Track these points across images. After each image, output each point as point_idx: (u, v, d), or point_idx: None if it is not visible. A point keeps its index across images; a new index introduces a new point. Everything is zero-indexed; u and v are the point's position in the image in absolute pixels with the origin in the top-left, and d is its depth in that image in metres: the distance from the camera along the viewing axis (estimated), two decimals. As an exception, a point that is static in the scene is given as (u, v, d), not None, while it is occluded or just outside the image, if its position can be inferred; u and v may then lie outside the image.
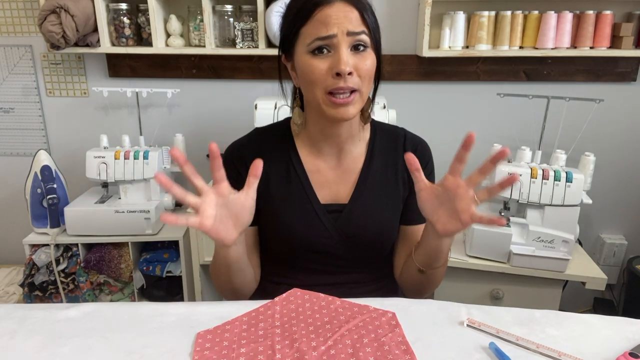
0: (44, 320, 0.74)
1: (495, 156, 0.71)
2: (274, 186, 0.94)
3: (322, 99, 0.83)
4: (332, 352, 0.66)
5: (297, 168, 0.94)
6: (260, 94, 1.75)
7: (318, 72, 0.82)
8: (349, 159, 0.95)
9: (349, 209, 0.93)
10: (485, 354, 0.67)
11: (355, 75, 0.81)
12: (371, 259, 0.97)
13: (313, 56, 0.82)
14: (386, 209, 0.95)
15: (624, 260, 1.93)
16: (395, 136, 0.99)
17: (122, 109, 1.95)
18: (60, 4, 1.58)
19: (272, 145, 0.96)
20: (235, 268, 0.88)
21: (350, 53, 0.81)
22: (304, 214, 0.92)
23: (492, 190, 0.73)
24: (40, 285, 1.72)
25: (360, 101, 0.85)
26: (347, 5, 0.81)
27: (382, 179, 0.95)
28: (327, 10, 0.80)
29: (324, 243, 0.93)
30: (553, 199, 1.39)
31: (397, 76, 1.81)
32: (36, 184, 1.69)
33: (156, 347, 0.68)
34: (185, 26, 1.80)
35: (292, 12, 0.85)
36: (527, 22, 1.64)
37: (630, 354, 0.66)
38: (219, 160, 0.76)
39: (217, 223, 0.76)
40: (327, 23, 0.80)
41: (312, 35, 0.81)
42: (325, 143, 0.94)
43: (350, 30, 0.80)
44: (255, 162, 0.77)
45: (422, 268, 0.90)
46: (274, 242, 0.96)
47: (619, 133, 1.83)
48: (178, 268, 1.76)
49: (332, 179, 0.95)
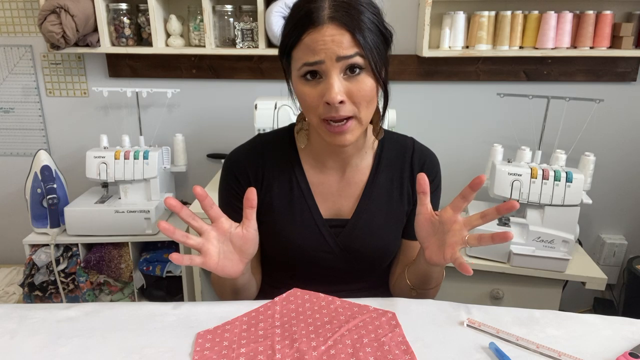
0: (44, 320, 0.74)
1: (501, 207, 0.71)
2: (275, 198, 0.91)
3: (317, 125, 0.80)
4: (332, 352, 0.66)
5: (300, 180, 0.91)
6: (260, 94, 1.75)
7: (310, 99, 0.78)
8: (354, 172, 0.92)
9: (351, 224, 0.91)
10: (485, 354, 0.67)
11: (349, 102, 0.76)
12: (371, 271, 0.97)
13: (305, 82, 0.78)
14: (389, 225, 0.93)
15: (624, 260, 1.93)
16: (404, 148, 0.95)
17: (122, 109, 1.95)
18: (60, 4, 1.58)
19: (275, 156, 0.93)
20: (242, 289, 0.88)
21: (342, 78, 0.76)
22: (305, 227, 0.90)
23: (483, 239, 0.73)
24: (40, 285, 1.72)
25: (358, 127, 0.80)
26: (337, 29, 0.74)
27: (386, 193, 0.93)
28: (315, 35, 0.74)
29: (325, 257, 0.91)
30: (553, 199, 1.39)
31: (397, 76, 1.81)
32: (36, 184, 1.69)
33: (156, 347, 0.68)
34: (185, 26, 1.80)
35: (284, 31, 0.80)
36: (527, 22, 1.64)
37: (630, 354, 0.66)
38: (209, 200, 0.74)
39: (222, 260, 0.76)
40: (314, 49, 0.74)
41: (301, 60, 0.77)
42: (329, 157, 0.91)
43: (339, 55, 0.74)
44: (248, 192, 0.75)
45: (412, 287, 0.90)
46: (273, 252, 0.95)
47: (619, 133, 1.83)
48: (178, 268, 1.76)
49: (336, 192, 0.92)
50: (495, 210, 0.72)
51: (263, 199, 0.92)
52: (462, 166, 1.83)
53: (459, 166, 1.81)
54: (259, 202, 0.91)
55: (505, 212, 0.70)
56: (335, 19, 0.74)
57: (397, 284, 0.97)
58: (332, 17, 0.74)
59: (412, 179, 0.93)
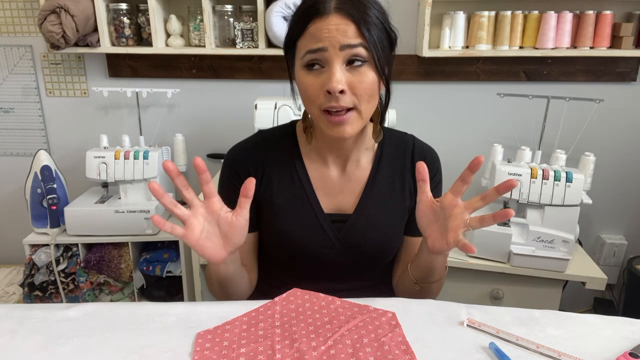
0: (44, 320, 0.74)
1: (500, 187, 0.71)
2: (276, 193, 0.91)
3: (318, 117, 0.81)
4: (332, 352, 0.66)
5: (301, 176, 0.91)
6: (260, 94, 1.75)
7: (311, 89, 0.78)
8: (356, 168, 0.93)
9: (353, 219, 0.91)
10: (485, 354, 0.67)
11: (350, 93, 0.77)
12: (373, 268, 0.96)
13: (307, 72, 0.79)
14: (391, 221, 0.93)
15: (624, 260, 1.93)
16: (404, 145, 0.96)
17: (122, 109, 1.95)
18: (60, 4, 1.58)
19: (276, 151, 0.93)
20: (227, 282, 0.86)
21: (344, 69, 0.77)
22: (306, 223, 0.90)
23: (484, 220, 0.73)
24: (40, 285, 1.72)
25: (359, 120, 0.80)
26: (343, 18, 0.75)
27: (388, 189, 0.93)
28: (320, 24, 0.76)
29: (326, 253, 0.91)
30: (553, 199, 1.39)
31: (397, 76, 1.81)
32: (36, 184, 1.69)
33: (156, 347, 0.68)
34: (185, 26, 1.80)
35: (291, 23, 0.82)
36: (527, 22, 1.64)
37: (630, 354, 0.66)
38: (207, 175, 0.74)
39: (204, 239, 0.75)
40: (318, 37, 0.76)
41: (305, 48, 0.78)
42: (331, 152, 0.91)
43: (343, 44, 0.75)
44: (247, 182, 0.74)
45: (416, 281, 0.89)
46: (274, 248, 0.94)
47: (619, 133, 1.83)
48: (178, 268, 1.76)
49: (337, 188, 0.92)
50: (495, 190, 0.73)
51: (263, 194, 0.91)
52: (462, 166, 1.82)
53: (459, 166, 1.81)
54: (260, 198, 0.91)
55: (505, 191, 0.71)
56: (341, 10, 0.76)
57: (401, 281, 0.96)
58: (338, 8, 0.76)
59: (414, 175, 0.92)
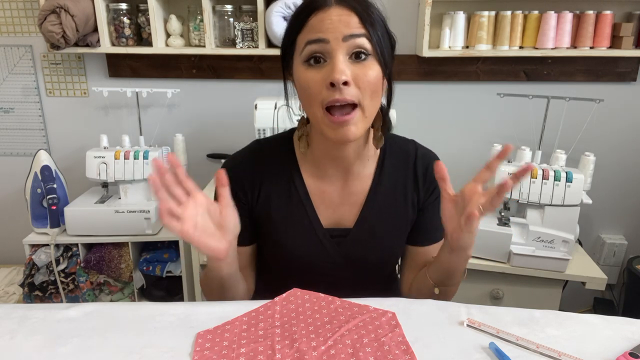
0: (44, 320, 0.74)
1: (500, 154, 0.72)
2: (274, 207, 0.89)
3: (320, 118, 0.77)
4: (332, 352, 0.66)
5: (299, 189, 0.88)
6: (260, 94, 1.75)
7: (313, 84, 0.75)
8: (356, 180, 0.89)
9: (353, 234, 0.89)
10: (485, 354, 0.67)
11: (354, 86, 0.74)
12: (373, 279, 0.95)
13: (308, 67, 0.76)
14: (392, 234, 0.91)
15: (624, 260, 1.93)
16: (406, 154, 0.92)
17: (122, 109, 1.95)
18: (60, 4, 1.58)
19: (273, 164, 0.90)
20: (228, 284, 0.85)
21: (348, 61, 0.74)
22: (305, 238, 0.88)
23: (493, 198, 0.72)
24: (40, 285, 1.72)
25: (363, 119, 0.77)
26: (345, 9, 0.74)
27: (390, 202, 0.90)
28: (321, 15, 0.74)
29: (326, 267, 0.90)
30: (553, 199, 1.39)
31: (397, 76, 1.78)
32: (36, 184, 1.69)
33: (156, 347, 0.68)
34: (185, 26, 1.80)
35: (290, 21, 0.80)
36: (527, 22, 1.64)
37: (630, 354, 0.66)
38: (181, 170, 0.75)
39: (201, 233, 0.73)
40: (320, 28, 0.74)
41: (304, 40, 0.75)
42: (330, 164, 0.88)
43: (346, 34, 0.73)
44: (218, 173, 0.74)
45: (435, 285, 0.87)
46: (273, 262, 0.93)
47: (619, 133, 1.83)
48: (178, 268, 1.76)
49: (337, 201, 0.89)
50: (496, 158, 0.73)
51: (261, 209, 0.90)
52: (462, 166, 1.82)
53: (459, 166, 1.81)
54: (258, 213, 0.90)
55: (504, 156, 0.72)
56: (343, 1, 0.75)
57: (415, 287, 0.93)
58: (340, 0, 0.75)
59: (416, 186, 0.91)
